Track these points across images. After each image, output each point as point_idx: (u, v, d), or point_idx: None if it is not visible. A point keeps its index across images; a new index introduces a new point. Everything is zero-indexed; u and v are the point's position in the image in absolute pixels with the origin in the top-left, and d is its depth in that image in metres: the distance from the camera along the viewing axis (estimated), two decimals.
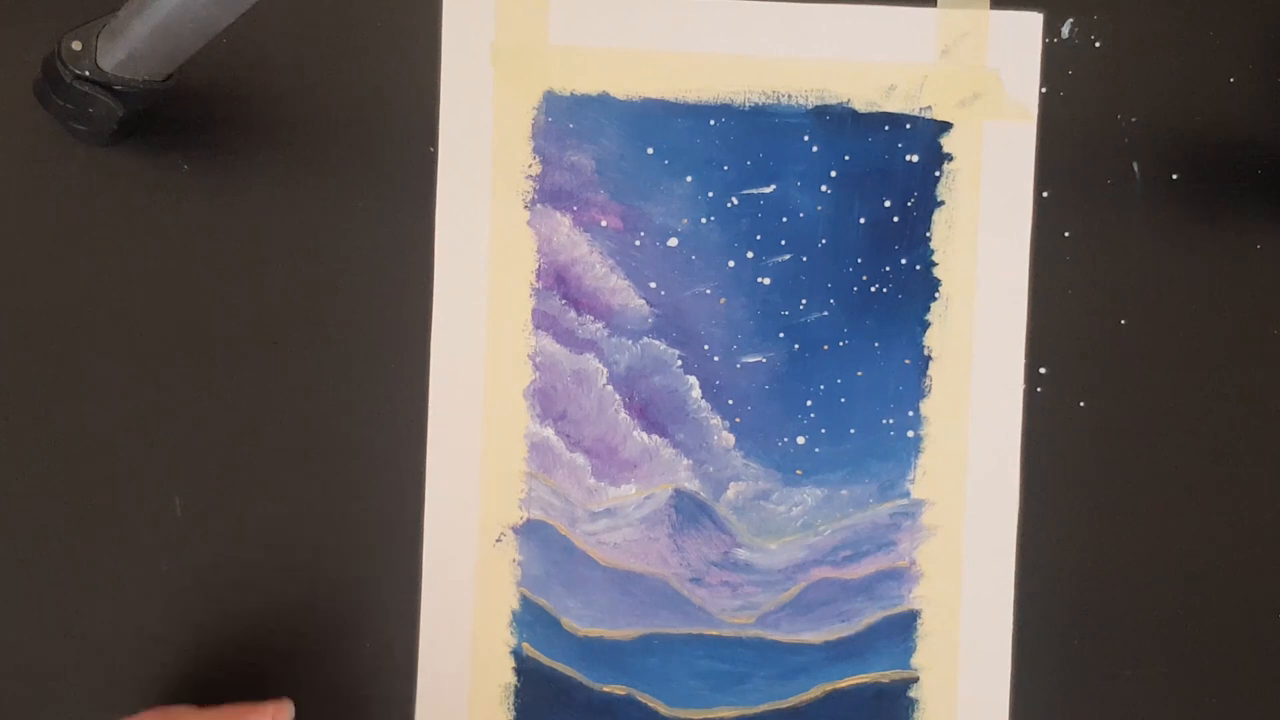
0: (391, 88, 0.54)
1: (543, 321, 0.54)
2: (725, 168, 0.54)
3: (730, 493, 0.55)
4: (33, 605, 0.54)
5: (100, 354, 0.54)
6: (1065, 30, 0.55)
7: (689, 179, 0.54)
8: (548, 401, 0.54)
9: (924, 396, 0.55)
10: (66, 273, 0.54)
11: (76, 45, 0.48)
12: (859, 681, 0.54)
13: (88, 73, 0.48)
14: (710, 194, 0.54)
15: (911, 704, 0.55)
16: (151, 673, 0.54)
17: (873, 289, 0.55)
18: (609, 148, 0.54)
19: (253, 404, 0.54)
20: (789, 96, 0.55)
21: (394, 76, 0.54)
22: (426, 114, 0.54)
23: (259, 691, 0.54)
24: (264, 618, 0.54)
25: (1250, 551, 0.55)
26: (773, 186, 0.55)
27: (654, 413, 0.55)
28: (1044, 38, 0.55)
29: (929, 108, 0.54)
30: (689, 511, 0.54)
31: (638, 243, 0.54)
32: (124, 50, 0.47)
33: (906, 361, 0.55)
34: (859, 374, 0.55)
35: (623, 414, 0.55)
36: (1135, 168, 0.55)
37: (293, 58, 0.54)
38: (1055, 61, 0.55)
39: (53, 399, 0.54)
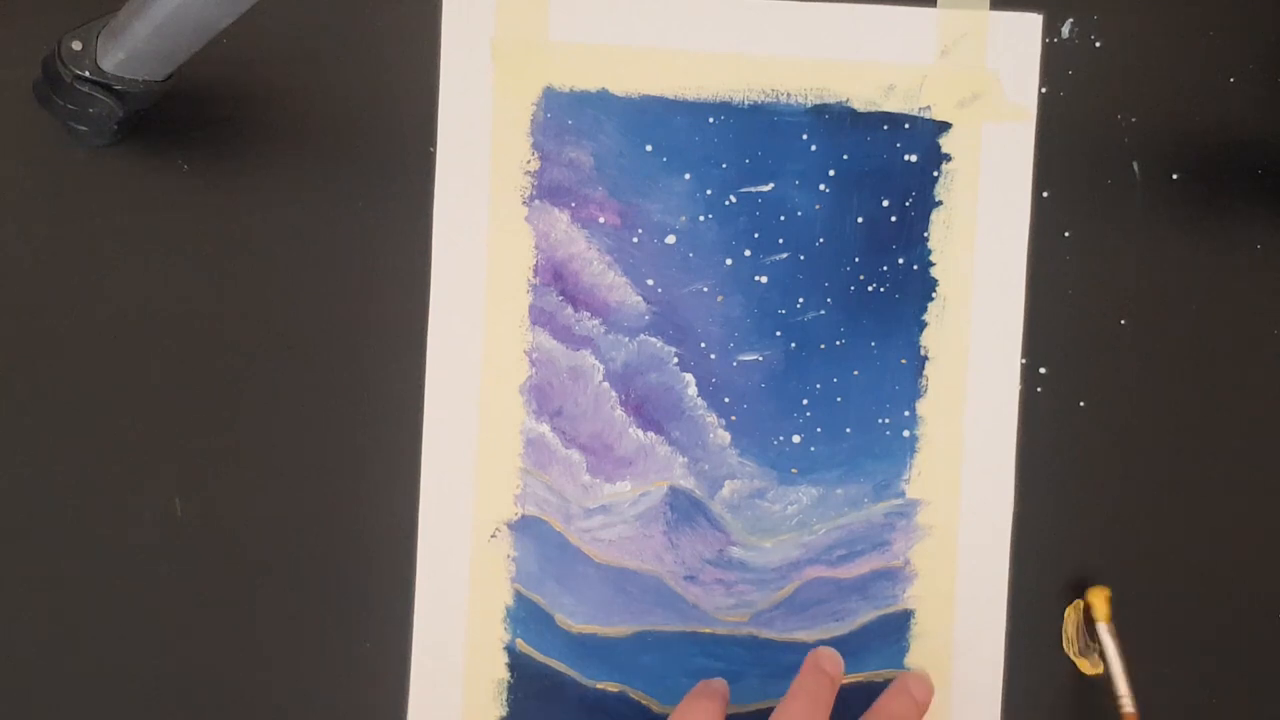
0: (391, 86, 0.54)
1: (539, 318, 0.55)
2: (724, 165, 0.54)
3: (725, 491, 0.55)
4: (32, 605, 0.55)
5: (99, 354, 0.54)
6: (1065, 30, 0.54)
7: (687, 176, 0.54)
8: (543, 398, 0.55)
9: (920, 396, 0.55)
10: (66, 273, 0.54)
11: (76, 45, 0.48)
12: (852, 681, 0.55)
13: (88, 73, 0.48)
14: (708, 192, 0.55)
15: None
16: (150, 672, 0.55)
17: (870, 288, 0.55)
18: (608, 144, 0.54)
19: (251, 402, 0.54)
20: (788, 95, 0.54)
21: (394, 75, 0.54)
22: (426, 112, 0.54)
23: (255, 688, 0.54)
24: (260, 614, 0.55)
25: (1250, 551, 0.55)
26: (771, 185, 0.55)
27: (650, 410, 0.55)
28: (1044, 38, 0.54)
29: (928, 108, 0.54)
30: (684, 509, 0.55)
31: (635, 240, 0.55)
32: (124, 50, 0.47)
33: (903, 361, 0.55)
34: (855, 373, 0.55)
35: (618, 411, 0.55)
36: (1135, 168, 0.55)
37: (292, 58, 0.54)
38: (1055, 61, 0.54)
39: (52, 399, 0.54)
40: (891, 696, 0.51)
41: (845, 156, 0.54)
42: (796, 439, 0.55)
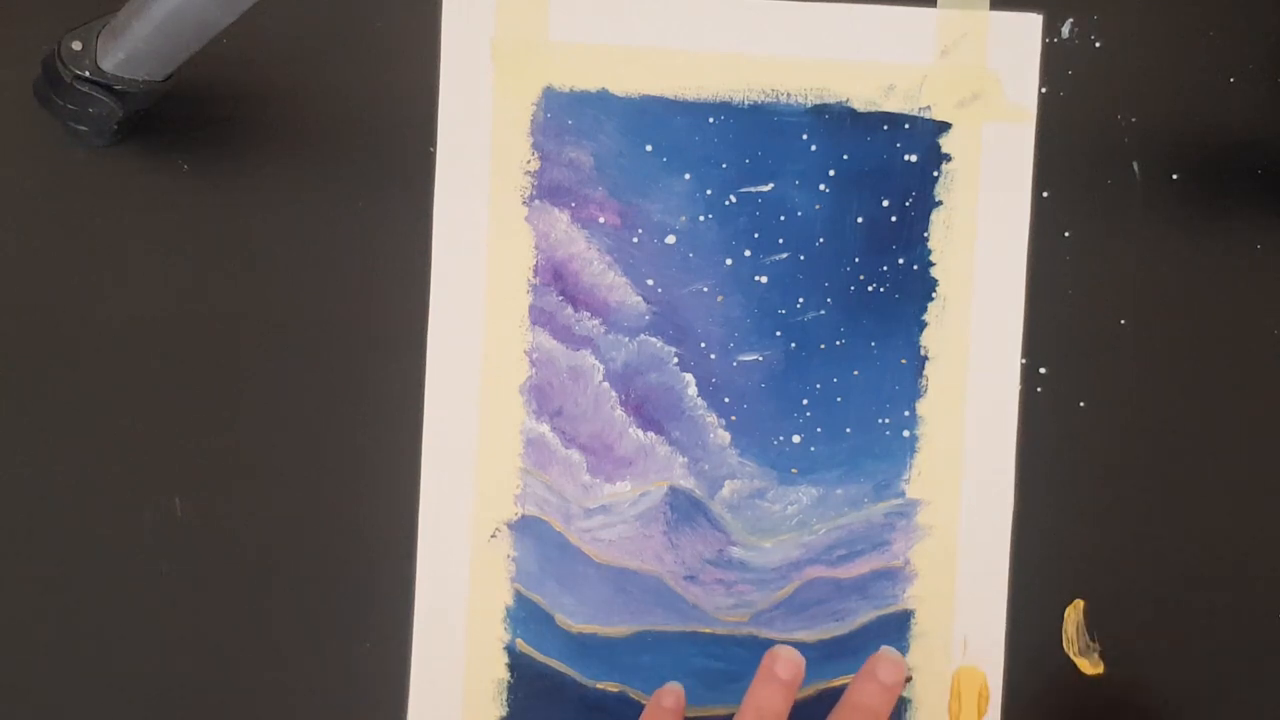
0: (391, 86, 0.54)
1: (539, 318, 0.55)
2: (724, 165, 0.55)
3: (725, 491, 0.55)
4: (32, 605, 0.55)
5: (99, 354, 0.54)
6: (1065, 30, 0.54)
7: (687, 176, 0.55)
8: (544, 398, 0.55)
9: (920, 396, 0.55)
10: (66, 273, 0.54)
11: (76, 45, 0.48)
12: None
13: (88, 73, 0.48)
14: (708, 192, 0.55)
15: (905, 704, 0.55)
16: (151, 672, 0.55)
17: (870, 288, 0.55)
18: (608, 144, 0.55)
19: (251, 402, 0.54)
20: (788, 95, 0.54)
21: (394, 75, 0.54)
22: (426, 112, 0.54)
23: (255, 687, 0.55)
24: (260, 614, 0.55)
25: (1250, 552, 0.55)
26: (771, 185, 0.55)
27: (650, 410, 0.55)
28: (1044, 38, 0.54)
29: (928, 108, 0.54)
30: (684, 509, 0.55)
31: (635, 240, 0.55)
32: (124, 50, 0.47)
33: (903, 361, 0.55)
34: (855, 373, 0.55)
35: (618, 411, 0.55)
36: (1135, 168, 0.55)
37: (293, 58, 0.54)
38: (1055, 61, 0.54)
39: (52, 399, 0.54)
40: (858, 686, 0.50)
41: (845, 156, 0.54)
42: (796, 439, 0.55)
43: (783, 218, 0.55)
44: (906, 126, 0.54)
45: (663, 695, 0.51)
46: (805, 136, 0.54)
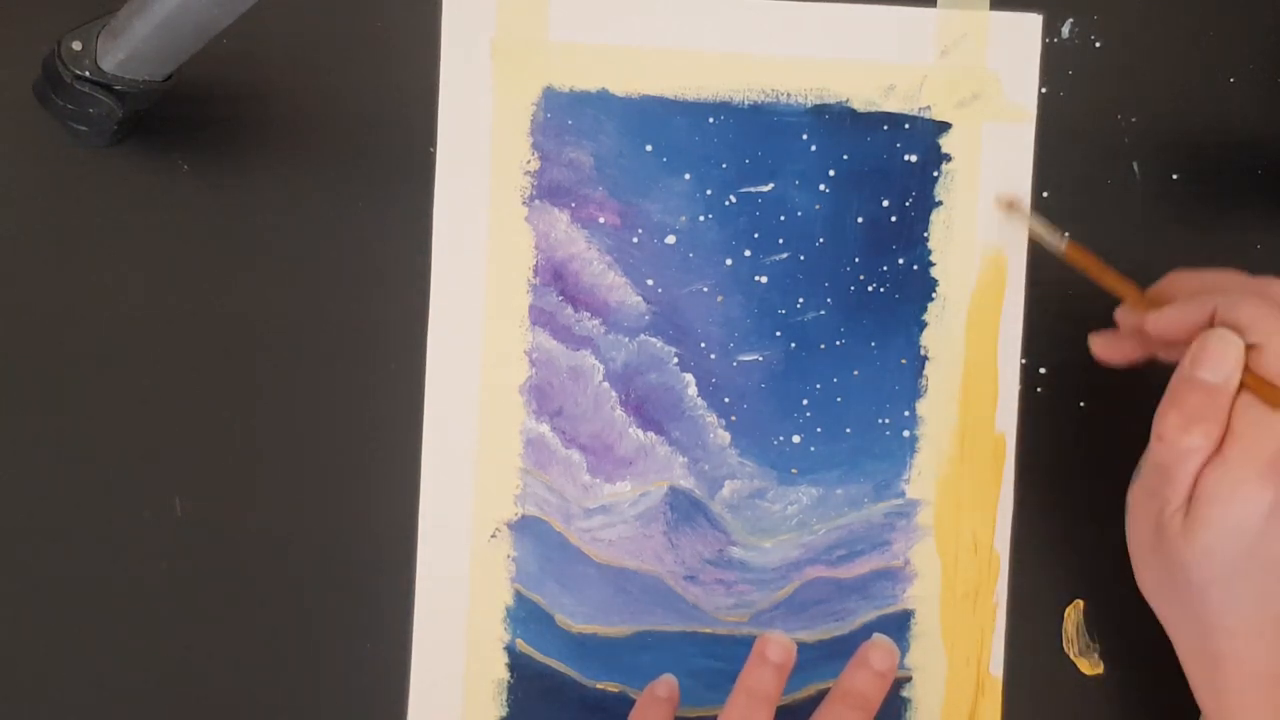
0: (391, 86, 0.54)
1: (539, 318, 0.55)
2: (724, 165, 0.55)
3: (725, 491, 0.55)
4: (32, 605, 0.55)
5: (99, 354, 0.54)
6: (1065, 30, 0.54)
7: (687, 176, 0.55)
8: (543, 398, 0.55)
9: (920, 396, 0.55)
10: (67, 273, 0.54)
11: (76, 45, 0.48)
12: None
13: (88, 73, 0.48)
14: (708, 192, 0.55)
15: (905, 704, 0.55)
16: (151, 672, 0.55)
17: (870, 288, 0.55)
18: (608, 144, 0.55)
19: (251, 402, 0.54)
20: (788, 95, 0.55)
21: (393, 74, 0.54)
22: (426, 112, 0.54)
23: (256, 687, 0.55)
24: (260, 614, 0.55)
25: None
26: (771, 185, 0.55)
27: (650, 410, 0.55)
28: (1044, 38, 0.54)
29: (928, 108, 0.54)
30: (684, 509, 0.55)
31: (635, 240, 0.55)
32: (124, 50, 0.47)
33: (903, 361, 0.55)
34: (855, 373, 0.55)
35: (618, 411, 0.55)
36: (1135, 168, 0.55)
37: (293, 58, 0.54)
38: (1055, 61, 0.54)
39: (52, 399, 0.54)
40: (850, 673, 0.49)
41: (845, 156, 0.55)
42: (796, 439, 0.55)
43: (783, 218, 0.55)
44: (906, 126, 0.54)
45: (656, 686, 0.51)
46: (805, 136, 0.55)
